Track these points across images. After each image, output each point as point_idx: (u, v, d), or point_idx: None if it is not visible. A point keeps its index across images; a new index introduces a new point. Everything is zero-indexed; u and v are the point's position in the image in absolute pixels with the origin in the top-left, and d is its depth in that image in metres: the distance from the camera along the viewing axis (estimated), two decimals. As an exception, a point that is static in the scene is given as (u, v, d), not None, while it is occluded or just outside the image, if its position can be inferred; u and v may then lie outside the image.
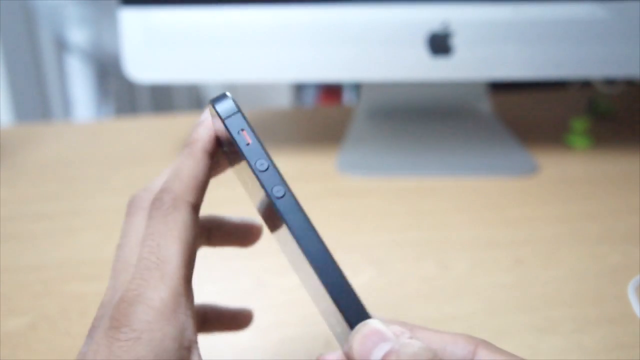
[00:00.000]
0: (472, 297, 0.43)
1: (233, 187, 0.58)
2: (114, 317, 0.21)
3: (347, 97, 1.90)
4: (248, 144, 0.24)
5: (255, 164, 0.24)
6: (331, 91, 1.95)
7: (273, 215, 0.24)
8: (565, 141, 0.68)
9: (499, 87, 0.86)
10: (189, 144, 0.25)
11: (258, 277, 0.45)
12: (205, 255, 0.46)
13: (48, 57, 1.49)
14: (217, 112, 0.25)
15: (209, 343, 0.38)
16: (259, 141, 0.25)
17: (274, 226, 0.26)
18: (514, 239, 0.50)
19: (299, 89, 1.98)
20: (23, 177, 0.63)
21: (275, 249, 0.48)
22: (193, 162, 0.25)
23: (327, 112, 0.80)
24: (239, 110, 0.25)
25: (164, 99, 1.81)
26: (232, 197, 0.56)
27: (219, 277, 0.46)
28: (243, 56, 0.59)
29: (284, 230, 0.24)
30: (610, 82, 0.84)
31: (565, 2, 0.57)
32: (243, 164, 0.25)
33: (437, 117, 0.72)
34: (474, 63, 0.58)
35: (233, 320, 0.32)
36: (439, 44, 0.58)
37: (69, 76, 1.33)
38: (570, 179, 0.60)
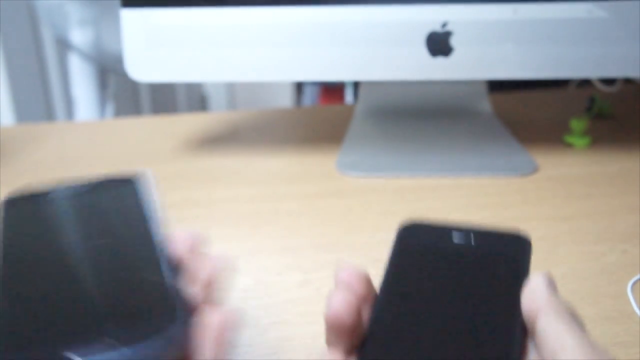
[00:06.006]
0: (471, 296, 0.43)
1: (232, 187, 0.58)
2: None
3: (349, 97, 1.91)
4: None
5: None
6: (332, 91, 1.95)
7: None
8: (564, 141, 0.68)
9: (499, 87, 0.87)
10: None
11: (257, 275, 0.46)
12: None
13: (50, 57, 1.49)
14: None
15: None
16: None
17: None
18: (513, 238, 0.50)
19: (300, 88, 1.98)
20: (23, 177, 0.63)
21: (273, 248, 0.48)
22: None
23: (327, 112, 0.81)
24: None
25: (166, 98, 1.81)
26: (232, 196, 0.57)
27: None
28: (243, 56, 0.59)
29: None
30: (609, 82, 0.84)
31: (565, 2, 0.57)
32: None
33: (436, 117, 0.72)
34: (473, 63, 0.58)
35: None
36: (439, 44, 0.58)
37: (71, 76, 1.33)
38: (569, 179, 0.60)
